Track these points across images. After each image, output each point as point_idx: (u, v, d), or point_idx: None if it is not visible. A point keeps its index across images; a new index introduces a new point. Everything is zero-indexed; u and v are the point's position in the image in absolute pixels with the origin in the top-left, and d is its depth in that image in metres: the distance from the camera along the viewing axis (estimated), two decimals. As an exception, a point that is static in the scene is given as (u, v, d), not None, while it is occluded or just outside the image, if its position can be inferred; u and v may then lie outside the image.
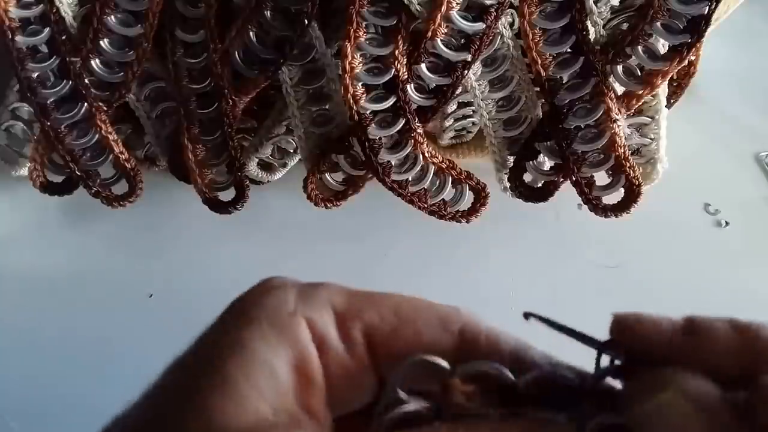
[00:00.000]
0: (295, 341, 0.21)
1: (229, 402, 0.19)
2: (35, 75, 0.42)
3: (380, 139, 0.42)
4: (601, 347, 0.22)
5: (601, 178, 0.43)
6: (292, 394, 0.20)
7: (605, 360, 0.22)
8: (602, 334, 0.22)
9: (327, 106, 0.43)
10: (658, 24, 0.40)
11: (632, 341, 0.21)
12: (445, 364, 0.21)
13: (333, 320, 0.21)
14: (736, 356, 0.19)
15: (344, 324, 0.21)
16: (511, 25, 0.42)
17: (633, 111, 0.43)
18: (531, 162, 0.43)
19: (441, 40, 0.40)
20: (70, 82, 0.42)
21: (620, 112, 0.41)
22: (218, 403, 0.19)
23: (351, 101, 0.41)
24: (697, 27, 0.39)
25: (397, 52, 0.40)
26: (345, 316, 0.22)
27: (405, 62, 0.41)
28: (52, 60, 0.42)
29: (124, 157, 0.44)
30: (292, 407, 0.20)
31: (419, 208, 0.43)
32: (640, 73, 0.41)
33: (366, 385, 0.22)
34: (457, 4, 0.40)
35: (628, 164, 0.42)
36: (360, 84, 0.41)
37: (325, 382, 0.21)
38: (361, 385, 0.22)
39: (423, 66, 0.41)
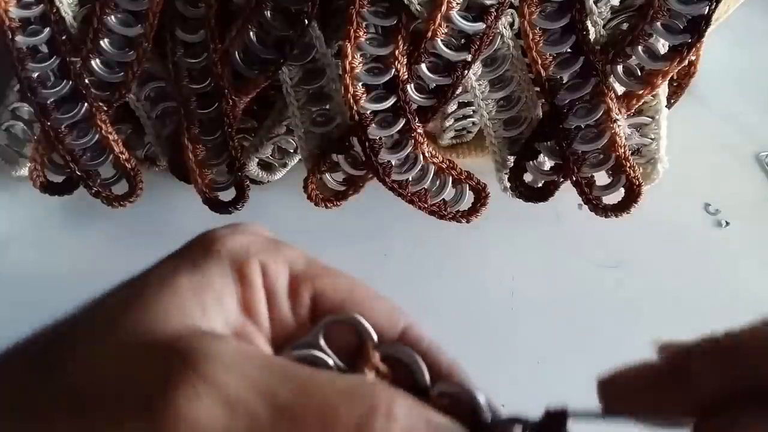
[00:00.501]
0: (248, 282, 0.21)
1: (173, 309, 0.20)
2: (35, 75, 0.42)
3: (380, 139, 0.42)
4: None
5: (601, 178, 0.43)
6: (236, 326, 0.21)
7: None
8: (601, 334, 0.22)
9: (327, 106, 0.43)
10: (658, 24, 0.40)
11: (621, 399, 0.20)
12: (374, 334, 0.22)
13: (287, 277, 0.22)
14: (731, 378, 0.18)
15: (296, 284, 0.22)
16: (511, 25, 0.42)
17: (633, 111, 0.43)
18: (531, 162, 0.43)
19: (441, 40, 0.40)
20: (71, 82, 0.42)
21: (620, 112, 0.41)
22: (161, 307, 0.20)
23: (351, 101, 0.41)
24: (697, 27, 0.39)
25: (397, 52, 0.40)
26: (299, 277, 0.22)
27: (405, 62, 0.41)
28: (52, 60, 0.42)
29: (124, 157, 0.44)
30: (230, 335, 0.20)
31: (419, 208, 0.43)
32: (640, 73, 0.41)
33: None
34: (457, 4, 0.40)
35: (628, 164, 0.42)
36: (360, 84, 0.41)
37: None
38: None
39: (423, 66, 0.41)
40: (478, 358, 0.23)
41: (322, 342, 0.21)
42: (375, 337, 0.21)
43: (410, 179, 0.43)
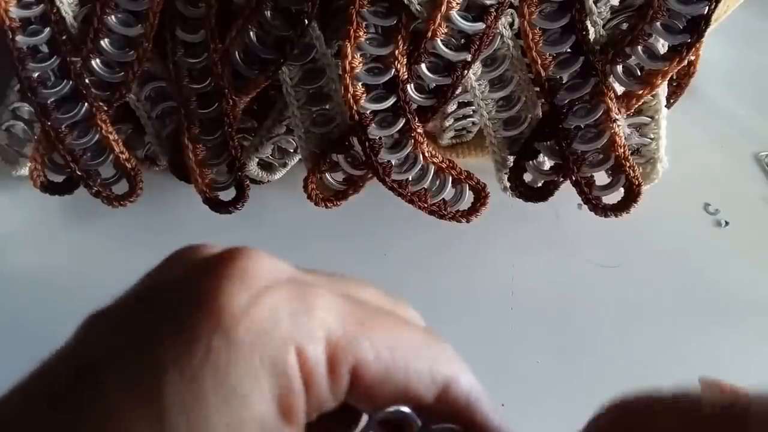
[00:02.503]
0: (287, 383, 0.18)
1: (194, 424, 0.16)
2: (36, 75, 0.42)
3: (380, 138, 0.42)
4: None
5: (601, 178, 0.43)
6: (268, 426, 0.18)
7: None
8: (601, 334, 0.22)
9: (327, 106, 0.43)
10: (658, 24, 0.40)
11: None
12: (419, 422, 0.20)
13: (324, 355, 0.19)
14: None
15: (335, 359, 0.19)
16: (511, 25, 0.42)
17: (633, 111, 0.43)
18: (531, 162, 0.43)
19: (441, 40, 0.40)
20: (71, 82, 0.42)
21: (620, 112, 0.41)
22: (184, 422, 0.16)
23: (351, 101, 0.41)
24: (697, 27, 0.39)
25: (397, 52, 0.40)
26: (337, 350, 0.19)
27: (405, 62, 0.41)
28: (52, 60, 0.42)
29: (124, 156, 0.44)
30: None
31: (419, 208, 0.43)
32: (640, 73, 0.41)
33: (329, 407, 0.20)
34: (457, 4, 0.40)
35: (628, 164, 0.42)
36: (360, 84, 0.41)
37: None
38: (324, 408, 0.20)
39: (423, 66, 0.41)
40: (478, 358, 0.23)
41: None
42: (420, 423, 0.20)
43: (410, 179, 0.43)
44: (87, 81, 0.43)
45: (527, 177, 0.44)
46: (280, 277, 0.20)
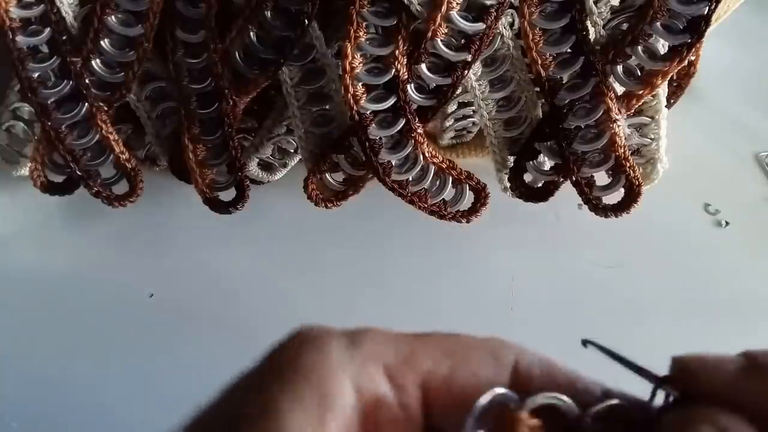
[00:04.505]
0: (340, 408, 0.18)
1: None
2: (36, 75, 0.42)
3: (380, 139, 0.42)
4: (658, 383, 0.20)
5: (601, 178, 0.43)
6: None
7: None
8: (601, 334, 0.22)
9: (327, 106, 0.43)
10: (658, 24, 0.40)
11: (693, 383, 0.20)
12: (515, 396, 0.20)
13: (383, 376, 0.19)
14: None
15: (398, 377, 0.19)
16: (511, 25, 0.42)
17: (633, 111, 0.43)
18: (531, 162, 0.43)
19: (441, 40, 0.40)
20: (71, 82, 0.42)
21: (620, 112, 0.41)
22: None
23: (351, 101, 0.41)
24: (697, 27, 0.39)
25: (397, 52, 0.40)
26: (397, 368, 0.19)
27: (405, 62, 0.41)
28: (52, 60, 0.42)
29: (124, 157, 0.44)
30: None
31: (419, 208, 0.43)
32: (640, 73, 0.41)
33: None
34: (457, 4, 0.40)
35: (628, 164, 0.42)
36: (360, 84, 0.41)
37: None
38: None
39: (423, 66, 0.41)
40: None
41: None
42: (516, 397, 0.20)
43: (410, 179, 0.43)
44: (87, 81, 0.43)
45: (527, 177, 0.44)
46: (331, 332, 0.20)
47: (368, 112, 0.41)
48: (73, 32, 0.42)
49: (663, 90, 0.44)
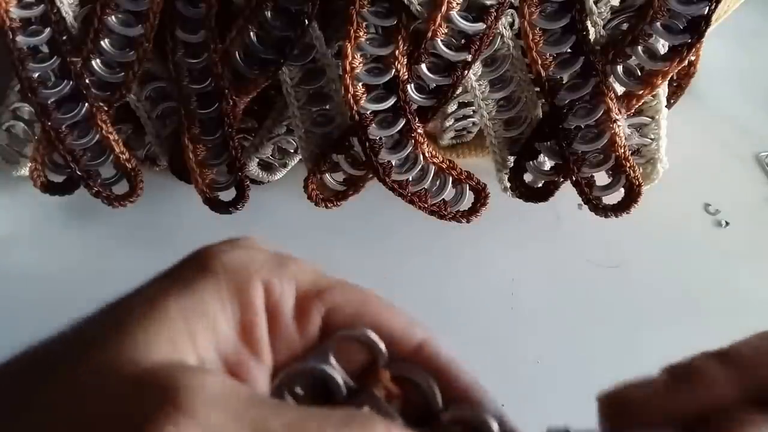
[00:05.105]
0: (247, 304, 0.20)
1: (158, 337, 0.18)
2: (36, 75, 0.42)
3: (381, 139, 0.42)
4: None
5: (601, 178, 0.43)
6: (230, 355, 0.19)
7: None
8: (601, 334, 0.22)
9: (327, 106, 0.43)
10: (658, 24, 0.40)
11: (625, 414, 0.20)
12: (385, 351, 0.20)
13: (293, 295, 0.21)
14: (739, 387, 0.19)
15: (304, 302, 0.21)
16: (511, 25, 0.42)
17: (633, 111, 0.43)
18: (531, 162, 0.43)
19: (441, 40, 0.40)
20: (71, 82, 0.42)
21: (620, 112, 0.41)
22: (145, 335, 0.18)
23: (351, 101, 0.41)
24: (697, 27, 0.39)
25: (397, 52, 0.40)
26: (308, 294, 0.21)
27: (405, 62, 0.41)
28: (52, 60, 0.42)
29: (124, 157, 0.44)
30: (221, 365, 0.19)
31: (419, 208, 0.43)
32: (640, 73, 0.41)
33: None
34: (457, 4, 0.40)
35: (628, 164, 0.42)
36: (360, 84, 0.41)
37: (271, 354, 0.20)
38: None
39: (423, 66, 0.41)
40: (478, 358, 0.23)
41: (331, 359, 0.20)
42: (386, 354, 0.20)
43: (410, 179, 0.43)
44: (87, 81, 0.43)
45: (527, 177, 0.44)
46: (264, 245, 0.22)
47: (368, 112, 0.41)
48: (73, 32, 0.42)
49: (663, 90, 0.44)
